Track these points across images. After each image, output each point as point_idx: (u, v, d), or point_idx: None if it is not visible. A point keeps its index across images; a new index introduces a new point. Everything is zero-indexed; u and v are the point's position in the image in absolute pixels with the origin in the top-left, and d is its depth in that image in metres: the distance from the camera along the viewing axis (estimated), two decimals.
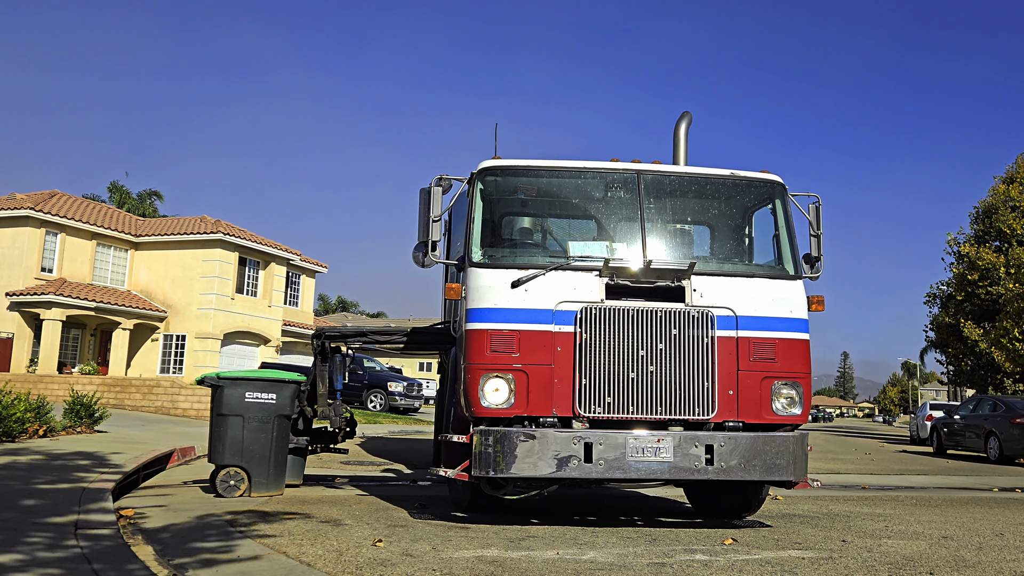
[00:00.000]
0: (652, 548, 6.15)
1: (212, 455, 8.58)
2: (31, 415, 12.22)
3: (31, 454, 10.16)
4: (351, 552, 5.66)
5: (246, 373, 8.81)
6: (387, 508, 8.02)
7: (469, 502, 7.65)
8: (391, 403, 31.27)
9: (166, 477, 10.47)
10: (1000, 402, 22.17)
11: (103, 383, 24.11)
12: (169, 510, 7.43)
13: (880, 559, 6.05)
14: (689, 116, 8.88)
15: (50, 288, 31.29)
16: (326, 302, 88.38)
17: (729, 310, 7.04)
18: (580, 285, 6.95)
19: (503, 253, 7.44)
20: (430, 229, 7.28)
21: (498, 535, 6.53)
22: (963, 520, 8.65)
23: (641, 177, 7.46)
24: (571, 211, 8.06)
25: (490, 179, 7.50)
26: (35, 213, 31.71)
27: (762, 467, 6.76)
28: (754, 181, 7.71)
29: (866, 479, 13.86)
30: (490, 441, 6.60)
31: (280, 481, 8.76)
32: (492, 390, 6.75)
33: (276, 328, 38.43)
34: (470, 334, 6.90)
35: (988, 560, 6.17)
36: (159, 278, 35.86)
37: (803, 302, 7.27)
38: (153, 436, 14.46)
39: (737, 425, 6.91)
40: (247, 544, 5.84)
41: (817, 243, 7.55)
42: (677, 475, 6.73)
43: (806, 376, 7.13)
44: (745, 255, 7.88)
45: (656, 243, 7.29)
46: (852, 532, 7.42)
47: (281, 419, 8.66)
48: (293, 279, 41.36)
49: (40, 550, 5.05)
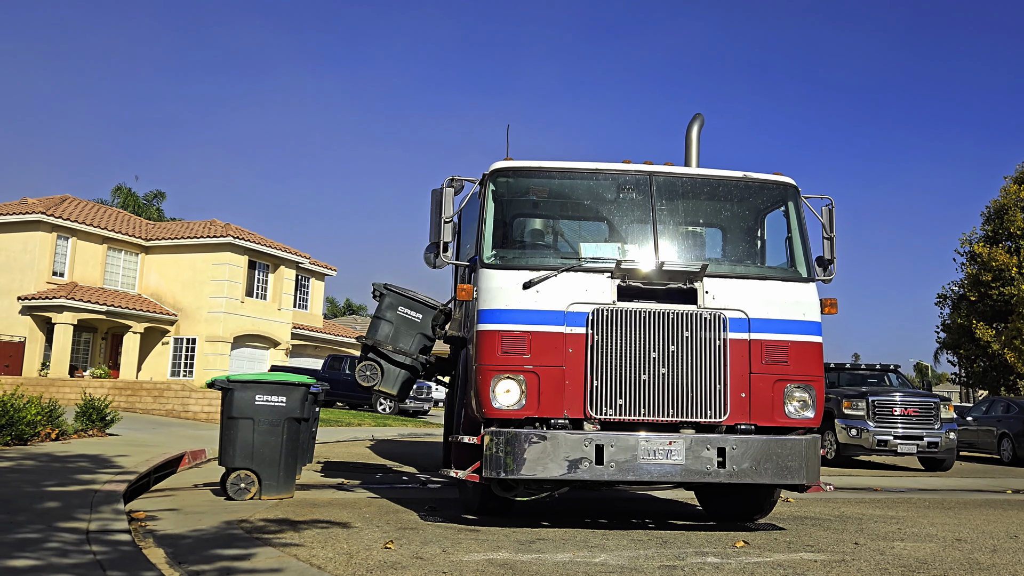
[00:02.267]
0: (663, 551, 6.13)
1: (223, 458, 8.59)
2: (43, 418, 12.27)
3: (43, 457, 10.19)
4: (361, 555, 5.65)
5: (256, 376, 8.81)
6: (397, 510, 8.02)
7: (479, 504, 7.63)
8: (400, 406, 31.26)
9: (177, 480, 10.49)
10: (1013, 404, 22.03)
11: (114, 386, 24.19)
12: (180, 513, 7.44)
13: (893, 562, 6.00)
14: (701, 118, 8.87)
15: (62, 292, 31.44)
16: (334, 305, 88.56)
17: (741, 312, 7.01)
18: (592, 287, 6.94)
19: (515, 254, 7.43)
20: (442, 230, 7.28)
21: (508, 538, 6.51)
22: (976, 522, 8.59)
23: (653, 179, 7.44)
24: (583, 212, 8.05)
25: (502, 180, 7.50)
26: (47, 218, 31.90)
27: (774, 470, 6.72)
28: (767, 183, 7.68)
29: (878, 481, 13.78)
30: (501, 442, 6.59)
31: (290, 484, 8.77)
32: (503, 391, 6.74)
33: (286, 331, 38.51)
34: (481, 335, 6.89)
35: (1003, 563, 6.13)
36: (169, 282, 36.00)
37: (816, 305, 7.23)
38: (164, 439, 14.49)
39: (749, 428, 6.88)
40: (258, 547, 5.84)
41: (830, 246, 7.52)
42: (689, 478, 6.70)
43: (819, 379, 7.09)
44: (757, 257, 7.85)
45: (668, 245, 7.27)
46: (864, 535, 7.37)
47: (291, 422, 8.66)
48: (303, 282, 41.45)
49: (53, 553, 5.06)
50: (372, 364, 9.67)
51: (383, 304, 9.87)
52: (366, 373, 9.71)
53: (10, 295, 31.85)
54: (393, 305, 9.83)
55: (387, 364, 9.72)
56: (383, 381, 9.72)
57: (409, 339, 9.72)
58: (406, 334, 9.79)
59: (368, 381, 9.70)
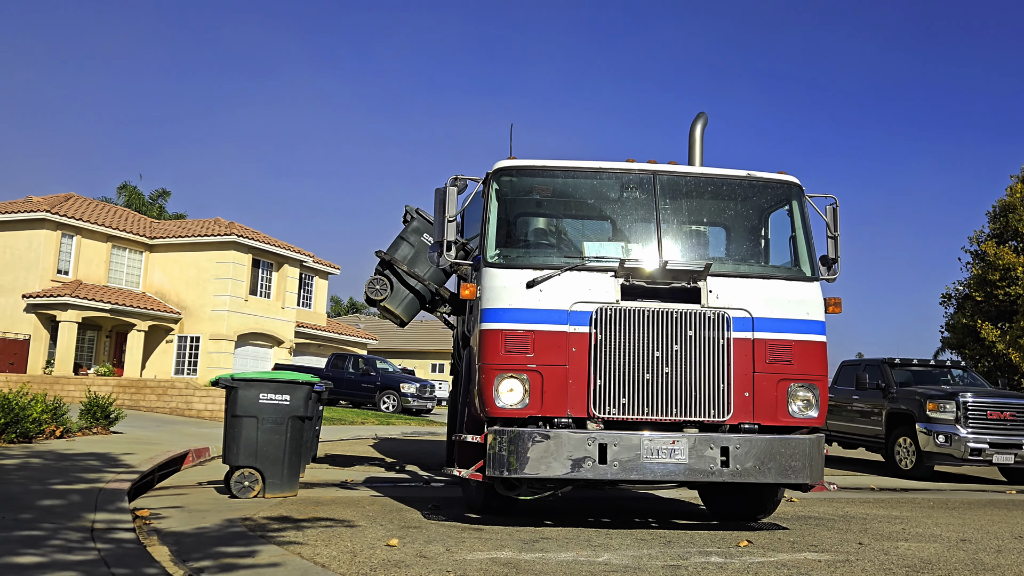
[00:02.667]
0: (667, 550, 6.12)
1: (226, 456, 8.60)
2: (48, 416, 12.29)
3: (48, 455, 10.22)
4: (365, 553, 5.65)
5: (260, 375, 8.83)
6: (400, 509, 8.02)
7: (483, 503, 7.64)
8: (404, 404, 31.31)
9: (181, 478, 10.51)
10: None
11: (118, 384, 24.23)
12: (184, 511, 7.45)
13: (897, 562, 6.00)
14: (705, 117, 8.86)
15: (66, 290, 31.50)
16: (338, 304, 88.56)
17: (745, 312, 7.00)
18: (595, 286, 6.93)
19: (518, 253, 7.43)
20: (445, 229, 7.28)
21: (512, 536, 6.51)
22: (981, 523, 8.58)
23: (657, 178, 7.43)
24: (586, 211, 8.04)
25: (505, 179, 7.50)
26: (51, 216, 31.96)
27: (778, 469, 6.72)
28: (771, 182, 7.67)
29: (882, 481, 13.76)
30: (504, 441, 6.59)
31: (294, 482, 8.78)
32: (507, 390, 6.74)
33: (289, 330, 38.55)
34: (485, 334, 6.89)
35: (1007, 563, 6.12)
36: (173, 280, 36.05)
37: (820, 304, 7.23)
38: (168, 437, 14.52)
39: (753, 427, 6.87)
40: (262, 545, 5.85)
41: (834, 245, 7.50)
42: (692, 477, 6.70)
43: (823, 378, 7.09)
44: (761, 256, 7.84)
45: (672, 244, 7.26)
46: (868, 535, 7.37)
47: (295, 420, 8.68)
48: (306, 281, 41.48)
49: (57, 551, 5.07)
50: (383, 279, 9.87)
51: (409, 227, 9.99)
52: (375, 287, 9.89)
53: (15, 293, 31.92)
54: (419, 230, 9.95)
55: (398, 283, 9.85)
56: (390, 298, 9.86)
57: (425, 267, 9.82)
58: (424, 261, 9.89)
59: (377, 295, 9.87)
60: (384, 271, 9.87)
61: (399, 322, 10.38)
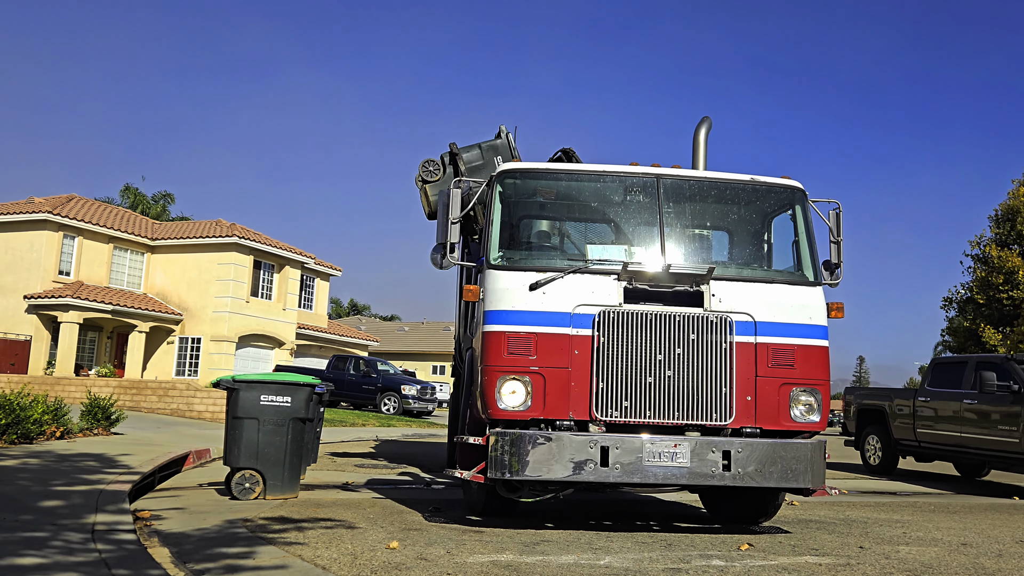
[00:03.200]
0: (668, 553, 6.12)
1: (227, 458, 8.60)
2: (48, 417, 12.28)
3: (48, 456, 10.21)
4: (366, 556, 5.65)
5: (261, 376, 8.82)
6: (401, 511, 8.02)
7: (484, 505, 7.63)
8: (405, 406, 31.30)
9: (182, 479, 10.51)
10: None
11: (119, 385, 24.22)
12: (185, 512, 7.45)
13: (898, 565, 5.99)
14: (709, 121, 8.85)
15: (67, 291, 31.52)
16: (339, 305, 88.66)
17: (748, 316, 7.00)
18: (598, 289, 6.93)
19: (521, 255, 7.43)
20: (448, 231, 7.28)
21: (513, 539, 6.51)
22: (982, 527, 8.57)
23: (660, 181, 7.43)
24: (590, 214, 8.04)
25: (509, 182, 7.50)
26: (53, 217, 31.98)
27: (779, 474, 6.71)
28: (774, 187, 7.67)
29: (883, 484, 13.75)
30: (506, 443, 6.58)
31: (295, 484, 8.77)
32: (509, 392, 6.74)
33: (290, 331, 38.56)
34: (487, 336, 6.89)
35: (1008, 568, 6.11)
36: (175, 281, 36.07)
37: (822, 308, 7.22)
38: (169, 438, 14.51)
39: (755, 431, 6.87)
40: (262, 547, 5.85)
41: (837, 250, 7.50)
42: (694, 480, 6.69)
43: (825, 383, 7.08)
44: (764, 261, 7.84)
45: (675, 247, 7.26)
46: (869, 538, 7.36)
47: (296, 422, 8.67)
48: (307, 282, 41.50)
49: (58, 552, 5.07)
50: (441, 165, 10.50)
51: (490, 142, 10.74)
52: (430, 168, 10.59)
53: (16, 294, 31.94)
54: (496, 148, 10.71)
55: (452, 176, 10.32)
56: (438, 184, 10.45)
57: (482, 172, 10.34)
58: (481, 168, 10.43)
59: (430, 175, 10.54)
60: (446, 160, 10.53)
61: (429, 213, 10.91)
